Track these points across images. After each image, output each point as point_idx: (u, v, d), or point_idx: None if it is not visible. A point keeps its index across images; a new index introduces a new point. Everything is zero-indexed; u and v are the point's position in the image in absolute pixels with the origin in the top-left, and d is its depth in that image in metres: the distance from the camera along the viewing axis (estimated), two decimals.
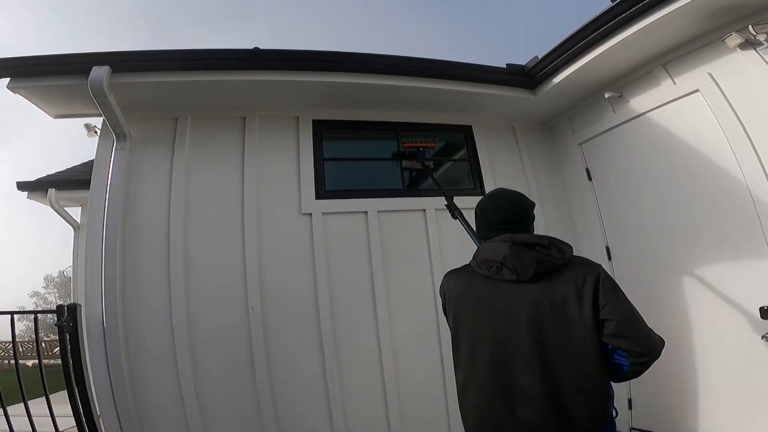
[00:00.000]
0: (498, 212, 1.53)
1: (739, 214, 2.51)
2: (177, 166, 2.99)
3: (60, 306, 2.48)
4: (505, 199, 1.55)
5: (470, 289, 1.49)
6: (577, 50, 2.96)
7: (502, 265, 1.39)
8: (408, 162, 3.36)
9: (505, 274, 1.38)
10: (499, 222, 1.52)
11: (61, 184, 5.49)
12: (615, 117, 3.29)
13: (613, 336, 1.29)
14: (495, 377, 1.35)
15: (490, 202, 1.58)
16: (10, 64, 2.62)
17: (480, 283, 1.46)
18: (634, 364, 1.30)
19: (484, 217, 1.59)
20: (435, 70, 3.20)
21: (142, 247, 2.82)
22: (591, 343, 1.30)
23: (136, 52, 2.77)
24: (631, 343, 1.28)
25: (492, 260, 1.42)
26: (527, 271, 1.35)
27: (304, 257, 3.05)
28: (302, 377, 2.88)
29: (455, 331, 1.51)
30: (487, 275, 1.43)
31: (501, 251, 1.40)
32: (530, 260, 1.36)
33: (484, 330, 1.40)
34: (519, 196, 1.58)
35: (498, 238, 1.46)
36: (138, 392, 2.61)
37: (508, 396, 1.32)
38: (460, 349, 1.48)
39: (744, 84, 2.51)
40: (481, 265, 1.47)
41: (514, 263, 1.37)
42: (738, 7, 2.43)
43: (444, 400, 3.06)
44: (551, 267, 1.37)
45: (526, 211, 1.55)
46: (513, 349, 1.33)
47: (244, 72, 2.86)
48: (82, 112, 3.05)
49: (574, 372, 1.29)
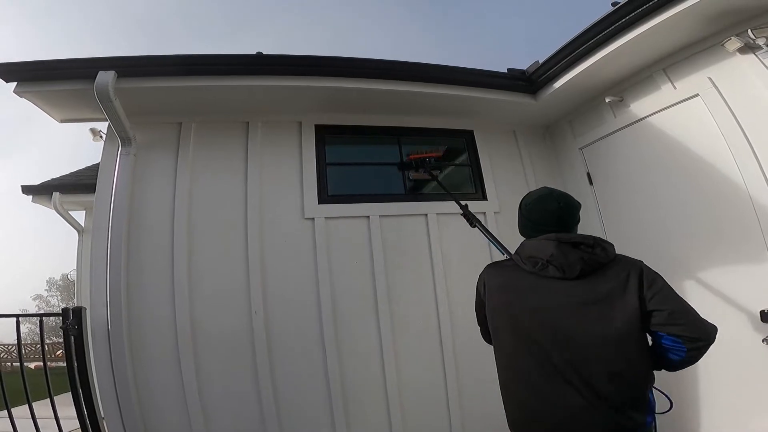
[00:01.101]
0: (545, 214, 1.56)
1: (739, 217, 2.51)
2: (181, 170, 3.02)
3: (65, 309, 2.49)
4: (553, 202, 1.57)
5: (515, 282, 1.52)
6: (577, 55, 2.98)
7: (548, 263, 1.43)
8: (416, 173, 3.41)
9: (551, 271, 1.43)
10: (546, 223, 1.54)
11: (66, 187, 5.52)
12: (616, 121, 3.30)
13: (666, 324, 1.32)
14: (538, 369, 1.39)
15: (538, 203, 1.60)
16: (17, 69, 2.65)
17: (525, 278, 1.49)
18: (691, 350, 1.31)
19: (531, 217, 1.61)
20: (437, 75, 3.22)
21: (147, 251, 2.84)
22: (636, 336, 1.34)
23: (141, 57, 2.80)
24: (686, 330, 1.30)
25: (537, 257, 1.46)
26: (573, 270, 1.40)
27: (307, 261, 3.07)
28: (304, 380, 2.89)
29: (495, 323, 1.55)
30: (532, 271, 1.47)
31: (547, 249, 1.45)
32: (576, 259, 1.41)
33: (527, 323, 1.44)
34: (567, 198, 1.60)
35: (543, 237, 1.50)
36: (142, 395, 2.63)
37: (552, 387, 1.36)
38: (502, 343, 1.53)
39: (744, 88, 2.52)
40: (525, 261, 1.50)
41: (561, 261, 1.41)
42: (737, 12, 2.44)
43: (446, 404, 3.06)
44: (596, 265, 1.42)
45: (573, 214, 1.58)
46: (557, 342, 1.37)
47: (248, 77, 2.89)
48: (87, 116, 3.07)
49: (618, 364, 1.33)
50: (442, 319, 3.17)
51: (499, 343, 1.55)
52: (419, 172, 3.40)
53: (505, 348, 1.52)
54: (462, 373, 3.13)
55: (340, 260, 3.13)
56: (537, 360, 1.40)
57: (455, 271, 3.32)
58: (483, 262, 3.30)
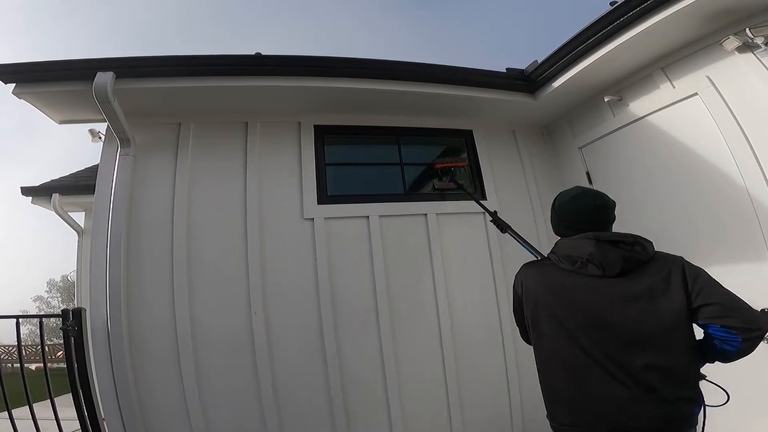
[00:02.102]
0: (581, 212, 1.55)
1: (738, 216, 2.51)
2: (180, 171, 3.02)
3: (65, 310, 2.49)
4: (589, 200, 1.57)
5: (553, 281, 1.52)
6: (576, 54, 2.98)
7: (587, 261, 1.43)
8: (440, 182, 3.45)
9: (590, 269, 1.43)
10: (581, 222, 1.54)
11: (65, 189, 5.51)
12: (615, 121, 3.30)
13: (719, 317, 1.31)
14: (583, 365, 1.39)
15: (573, 202, 1.59)
16: (16, 70, 2.65)
17: (564, 276, 1.49)
18: (747, 340, 1.31)
19: (567, 216, 1.60)
20: (436, 75, 3.22)
21: (146, 252, 2.85)
22: (683, 330, 1.34)
23: (140, 58, 2.80)
24: (740, 320, 1.30)
25: (576, 256, 1.46)
26: (614, 268, 1.40)
27: (307, 262, 3.07)
28: (305, 380, 2.89)
29: (536, 325, 1.53)
30: (570, 270, 1.47)
31: (585, 248, 1.45)
32: (617, 257, 1.41)
33: (570, 324, 1.43)
34: (602, 197, 1.59)
35: (581, 236, 1.50)
36: (142, 396, 2.63)
37: (598, 389, 1.36)
38: (543, 341, 1.51)
39: (742, 87, 2.52)
40: (563, 259, 1.50)
41: (600, 260, 1.41)
42: (735, 11, 2.45)
43: (446, 402, 3.06)
44: (637, 263, 1.41)
45: (609, 212, 1.57)
46: (601, 341, 1.37)
47: (246, 78, 2.89)
48: (86, 117, 3.08)
49: (666, 359, 1.33)
50: (441, 319, 3.18)
51: (540, 342, 1.54)
52: (444, 181, 3.45)
53: (547, 346, 1.51)
54: (462, 372, 3.13)
55: (340, 260, 3.13)
56: (581, 356, 1.39)
57: (455, 270, 3.32)
58: (483, 261, 3.38)
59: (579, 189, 1.65)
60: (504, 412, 3.16)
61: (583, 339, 1.39)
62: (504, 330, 3.27)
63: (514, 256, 3.38)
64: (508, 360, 3.23)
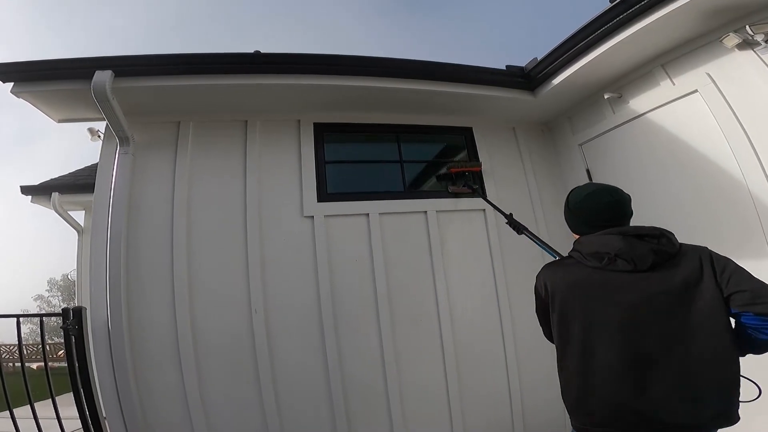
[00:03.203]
0: (600, 208, 1.53)
1: (738, 214, 2.51)
2: (180, 169, 3.02)
3: (65, 309, 2.49)
4: (606, 195, 1.55)
5: (582, 279, 1.46)
6: (576, 51, 2.97)
7: (616, 257, 1.40)
8: (454, 187, 3.46)
9: (620, 265, 1.39)
10: (601, 218, 1.51)
11: (65, 188, 5.51)
12: (615, 118, 3.30)
13: (752, 304, 1.28)
14: (620, 363, 1.34)
15: (590, 199, 1.57)
16: (14, 69, 2.65)
17: (593, 274, 1.45)
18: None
19: (584, 213, 1.57)
20: (436, 73, 3.21)
21: (146, 250, 2.85)
22: (722, 324, 1.31)
23: (139, 57, 2.79)
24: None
25: (603, 252, 1.42)
26: (645, 261, 1.37)
27: (307, 259, 3.07)
28: (305, 379, 2.90)
29: (564, 323, 1.48)
30: (598, 267, 1.43)
31: (613, 243, 1.41)
32: (646, 250, 1.38)
33: (603, 320, 1.39)
34: (617, 192, 1.56)
35: (604, 231, 1.47)
36: (143, 394, 2.64)
37: (636, 384, 1.32)
38: (571, 340, 1.45)
39: (742, 84, 2.52)
40: (588, 257, 1.46)
41: (630, 254, 1.38)
42: (735, 8, 2.44)
43: (446, 400, 3.07)
44: (666, 256, 1.39)
45: (626, 207, 1.55)
46: (638, 338, 1.34)
47: (246, 76, 2.88)
48: (85, 116, 3.07)
49: (704, 351, 1.30)
50: (442, 318, 3.18)
51: (572, 344, 1.46)
52: (458, 185, 3.45)
53: (578, 346, 1.44)
54: (463, 371, 3.14)
55: (340, 258, 3.13)
56: (617, 354, 1.35)
57: (454, 267, 3.32)
58: (483, 259, 3.38)
59: (593, 185, 1.63)
60: (505, 415, 3.17)
61: (620, 337, 1.36)
62: (504, 329, 3.28)
63: (514, 253, 3.40)
64: (509, 360, 3.24)
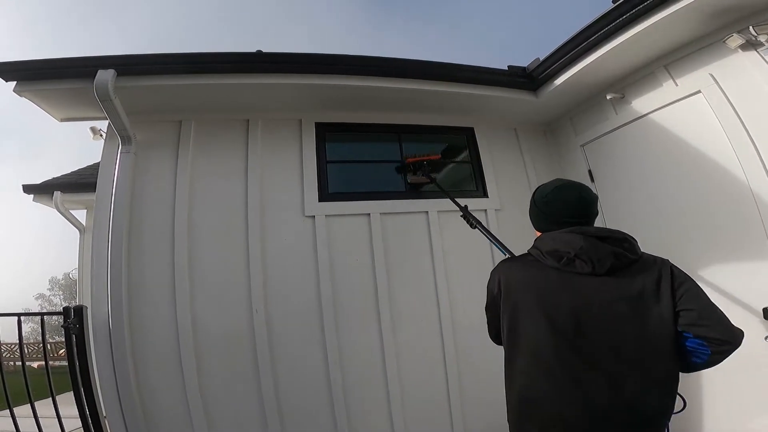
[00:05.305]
0: (566, 204, 1.47)
1: (742, 215, 2.50)
2: (181, 168, 3.02)
3: (66, 308, 2.49)
4: (573, 191, 1.50)
5: (537, 279, 1.41)
6: (578, 52, 2.97)
7: (575, 257, 1.34)
8: (413, 177, 3.40)
9: (578, 266, 1.34)
10: (566, 215, 1.46)
11: (67, 186, 5.52)
12: (617, 118, 3.29)
13: (693, 325, 1.26)
14: (565, 368, 1.31)
15: (556, 193, 1.51)
16: (17, 68, 2.65)
17: (549, 273, 1.39)
18: (716, 353, 1.25)
19: (547, 210, 1.51)
20: (437, 73, 3.21)
21: (148, 249, 2.85)
22: (669, 337, 1.28)
23: (141, 56, 2.79)
24: (713, 332, 1.25)
25: (563, 251, 1.37)
26: (604, 264, 1.32)
27: (308, 259, 3.07)
28: (306, 378, 2.90)
29: (515, 323, 1.42)
30: (554, 266, 1.38)
31: (574, 242, 1.36)
32: (607, 253, 1.33)
33: (554, 322, 1.33)
34: (586, 189, 1.51)
35: (567, 230, 1.41)
36: (143, 393, 2.64)
37: (579, 388, 1.28)
38: (519, 341, 1.41)
39: (746, 85, 2.51)
40: (547, 255, 1.40)
41: (590, 255, 1.33)
42: (739, 8, 2.43)
43: (447, 401, 3.06)
44: (626, 261, 1.35)
45: (593, 205, 1.50)
46: (585, 340, 1.30)
47: (248, 75, 2.88)
48: (87, 115, 3.07)
49: (651, 366, 1.27)
50: (443, 317, 3.17)
51: (518, 346, 1.42)
52: (417, 175, 3.40)
53: (527, 350, 1.40)
54: (463, 371, 3.13)
55: (341, 258, 3.13)
56: (564, 360, 1.31)
57: (456, 268, 3.32)
58: (484, 259, 3.37)
59: (561, 180, 1.57)
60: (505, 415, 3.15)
61: (569, 343, 1.31)
62: None
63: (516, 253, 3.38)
64: None
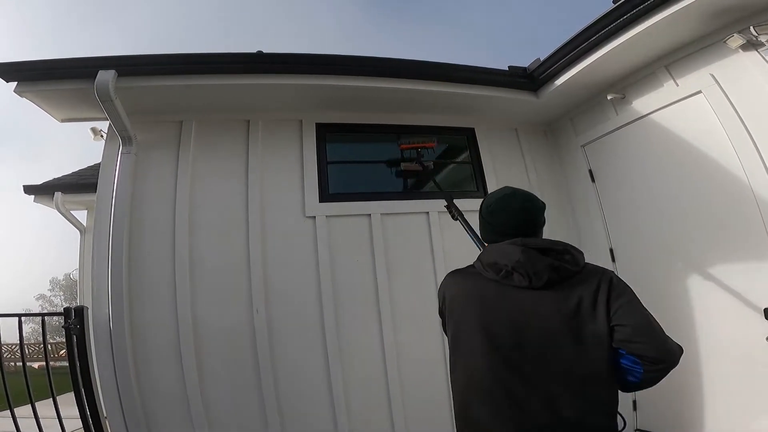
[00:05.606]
0: (508, 215, 1.41)
1: (743, 215, 2.50)
2: (182, 169, 3.02)
3: (67, 308, 2.49)
4: (516, 201, 1.43)
5: (476, 292, 1.37)
6: (579, 52, 2.97)
7: (513, 270, 1.29)
8: (406, 164, 3.36)
9: (516, 279, 1.29)
10: (509, 226, 1.40)
11: (68, 187, 5.52)
12: (618, 119, 3.29)
13: (626, 341, 1.20)
14: (500, 385, 1.25)
15: (499, 203, 1.45)
16: (17, 69, 2.65)
17: (487, 286, 1.34)
18: (649, 371, 1.20)
19: (492, 220, 1.45)
20: (438, 73, 3.21)
21: (148, 250, 2.85)
22: (604, 353, 1.22)
23: (142, 56, 2.80)
24: (646, 349, 1.19)
25: (501, 264, 1.31)
26: (541, 278, 1.27)
27: (308, 260, 3.07)
28: (306, 378, 2.90)
29: (455, 334, 1.39)
30: (494, 279, 1.33)
31: (512, 255, 1.30)
32: (545, 266, 1.27)
33: (489, 337, 1.28)
34: (530, 197, 1.46)
35: (508, 242, 1.35)
36: (144, 394, 2.63)
37: (514, 405, 1.23)
38: (458, 354, 1.37)
39: (746, 85, 2.51)
40: (487, 268, 1.35)
41: (527, 269, 1.27)
42: (739, 9, 2.43)
43: (447, 401, 3.06)
44: (566, 274, 1.28)
45: (537, 215, 1.44)
46: (521, 357, 1.24)
47: (248, 75, 2.88)
48: (88, 115, 3.08)
49: (585, 382, 1.22)
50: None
51: (458, 357, 1.37)
52: (410, 163, 3.36)
53: (463, 367, 1.35)
54: None
55: (342, 259, 3.13)
56: (501, 381, 1.25)
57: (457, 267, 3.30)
58: None
59: (508, 189, 1.50)
60: None
61: (507, 360, 1.25)
62: None
63: None
64: None
